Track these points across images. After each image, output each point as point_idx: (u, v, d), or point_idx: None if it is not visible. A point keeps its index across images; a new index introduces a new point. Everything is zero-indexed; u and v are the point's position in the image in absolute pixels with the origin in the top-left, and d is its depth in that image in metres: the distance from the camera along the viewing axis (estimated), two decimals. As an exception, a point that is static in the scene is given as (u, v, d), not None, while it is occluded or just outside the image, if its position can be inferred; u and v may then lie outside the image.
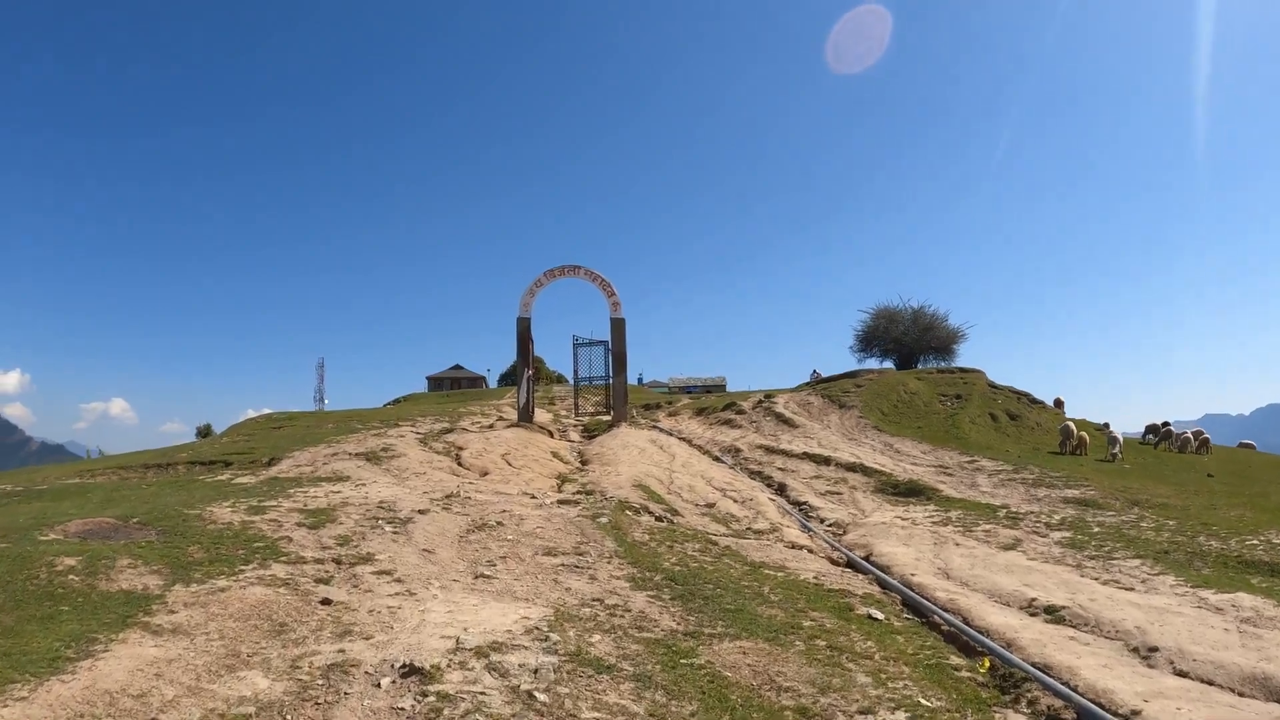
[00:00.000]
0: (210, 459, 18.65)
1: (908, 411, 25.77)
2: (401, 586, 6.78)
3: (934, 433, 23.92)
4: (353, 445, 18.35)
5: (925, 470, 18.08)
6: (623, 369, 24.81)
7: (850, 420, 23.35)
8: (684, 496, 14.56)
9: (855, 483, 16.69)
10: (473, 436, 20.47)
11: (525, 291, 25.16)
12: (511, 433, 21.56)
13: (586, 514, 10.44)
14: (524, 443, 20.06)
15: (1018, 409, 29.49)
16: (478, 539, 8.70)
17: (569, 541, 8.82)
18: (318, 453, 17.31)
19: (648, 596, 7.02)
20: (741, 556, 10.24)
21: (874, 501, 15.43)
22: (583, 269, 25.28)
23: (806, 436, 21.14)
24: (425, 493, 11.84)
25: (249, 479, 14.20)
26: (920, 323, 38.02)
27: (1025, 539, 12.64)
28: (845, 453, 19.09)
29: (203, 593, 6.24)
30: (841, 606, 8.38)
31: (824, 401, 25.34)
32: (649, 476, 15.54)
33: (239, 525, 8.81)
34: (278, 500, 10.75)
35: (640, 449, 18.96)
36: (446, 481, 13.59)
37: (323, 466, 15.30)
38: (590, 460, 18.34)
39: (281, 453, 17.81)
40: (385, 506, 10.25)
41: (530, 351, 24.81)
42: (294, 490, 12.03)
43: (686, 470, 16.74)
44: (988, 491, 16.56)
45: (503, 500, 11.30)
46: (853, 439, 21.25)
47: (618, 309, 25.02)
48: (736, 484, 15.93)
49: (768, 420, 23.68)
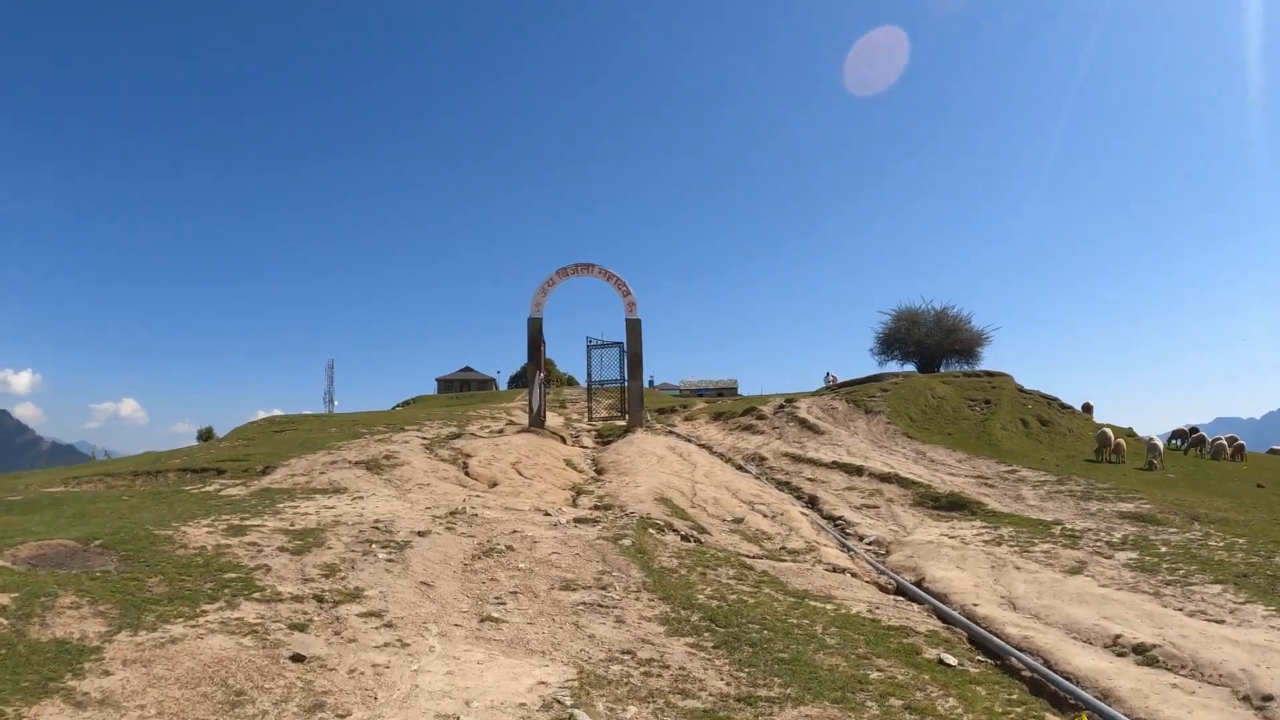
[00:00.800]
0: (202, 466, 17.60)
1: (936, 417, 24.52)
2: (392, 634, 5.62)
3: (965, 440, 22.66)
4: (354, 452, 17.26)
5: (964, 481, 16.85)
6: (639, 372, 23.66)
7: (878, 426, 22.11)
8: (709, 511, 13.40)
9: (892, 495, 15.48)
10: (481, 443, 19.37)
11: (537, 291, 24.04)
12: (522, 439, 20.45)
13: (607, 535, 9.29)
14: (535, 450, 18.94)
15: (1049, 414, 28.21)
16: (485, 567, 7.56)
17: (589, 570, 7.66)
18: (316, 460, 16.23)
19: (687, 646, 5.86)
20: (781, 584, 9.08)
21: (914, 516, 14.22)
22: (596, 267, 24.15)
23: (834, 444, 19.92)
24: (427, 508, 10.72)
25: (239, 490, 13.12)
26: (943, 325, 36.63)
27: (1090, 561, 11.44)
28: (877, 461, 17.87)
29: (150, 644, 5.12)
30: (907, 649, 7.21)
31: (849, 406, 24.10)
32: (670, 488, 14.38)
33: (213, 550, 7.70)
34: (263, 518, 9.65)
35: (659, 457, 17.80)
36: (452, 494, 12.48)
37: (319, 476, 14.22)
38: (606, 469, 17.20)
39: (278, 460, 16.74)
40: (381, 526, 9.13)
41: (542, 353, 23.69)
42: (284, 504, 10.93)
43: (710, 481, 15.57)
44: (1035, 505, 15.33)
45: (513, 518, 10.16)
46: (883, 446, 20.02)
47: (633, 309, 23.87)
48: (764, 496, 14.75)
49: (791, 426, 22.46)
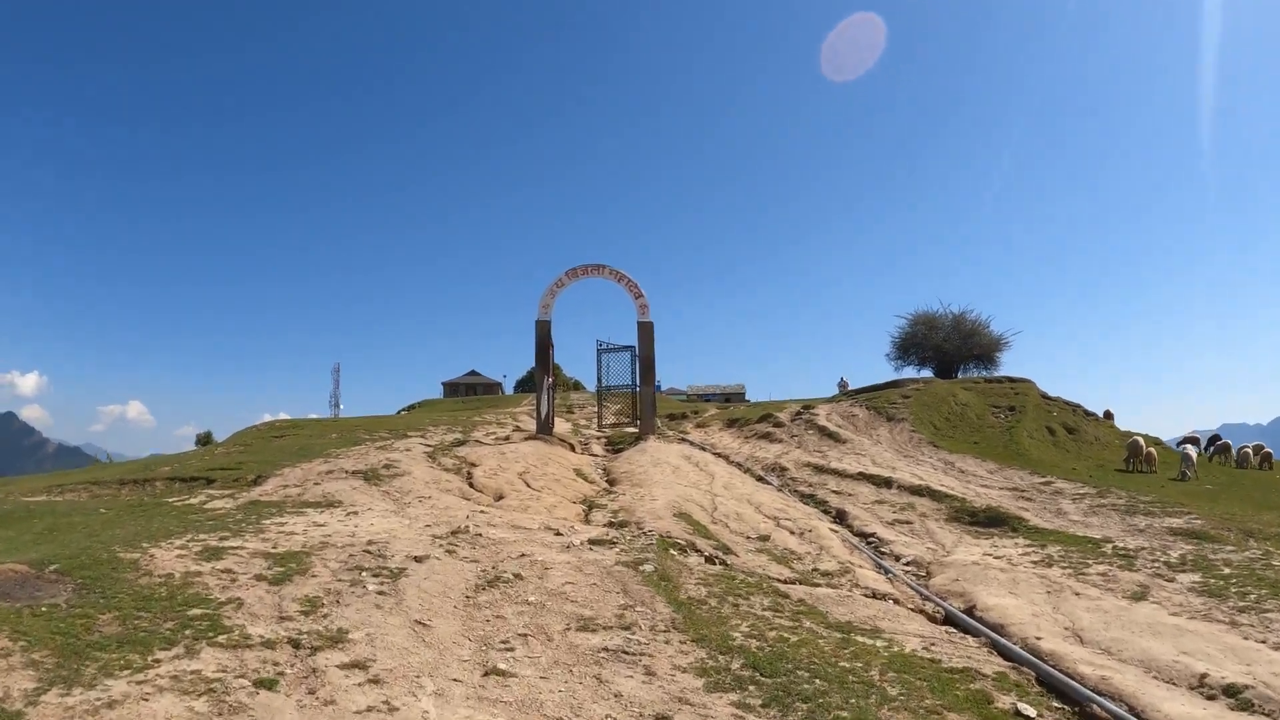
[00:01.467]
0: (192, 475, 16.71)
1: (961, 425, 23.48)
2: (378, 693, 4.66)
3: (992, 449, 21.62)
4: (352, 461, 16.34)
5: (999, 494, 15.83)
6: (651, 377, 22.70)
7: (902, 435, 21.09)
8: (731, 527, 12.41)
9: (925, 509, 14.47)
10: (487, 451, 18.43)
11: (545, 293, 23.12)
12: (530, 447, 19.50)
13: (626, 559, 8.31)
14: (544, 459, 17.99)
15: (1075, 422, 27.16)
16: (490, 601, 6.60)
17: (610, 605, 6.69)
18: (311, 470, 15.32)
19: (732, 706, 4.89)
20: (822, 615, 8.10)
21: (951, 533, 13.21)
22: (607, 268, 23.22)
23: (857, 453, 18.91)
24: (427, 526, 9.77)
25: (225, 503, 12.20)
26: (961, 329, 35.59)
27: (1151, 585, 10.41)
28: (905, 473, 16.85)
29: (82, 709, 4.18)
30: (977, 698, 6.23)
31: (869, 413, 23.08)
32: (688, 501, 13.40)
33: (180, 579, 6.76)
34: (244, 537, 8.71)
35: (674, 467, 16.82)
36: (454, 509, 11.53)
37: (312, 488, 13.29)
38: (619, 480, 16.22)
39: (271, 469, 15.83)
40: (375, 548, 8.18)
41: (551, 357, 22.76)
42: (270, 521, 10.00)
43: (730, 493, 14.58)
44: (1078, 520, 14.29)
45: (521, 538, 9.20)
46: (909, 456, 19.00)
47: (645, 312, 22.92)
48: (789, 511, 13.76)
49: (810, 434, 21.46)
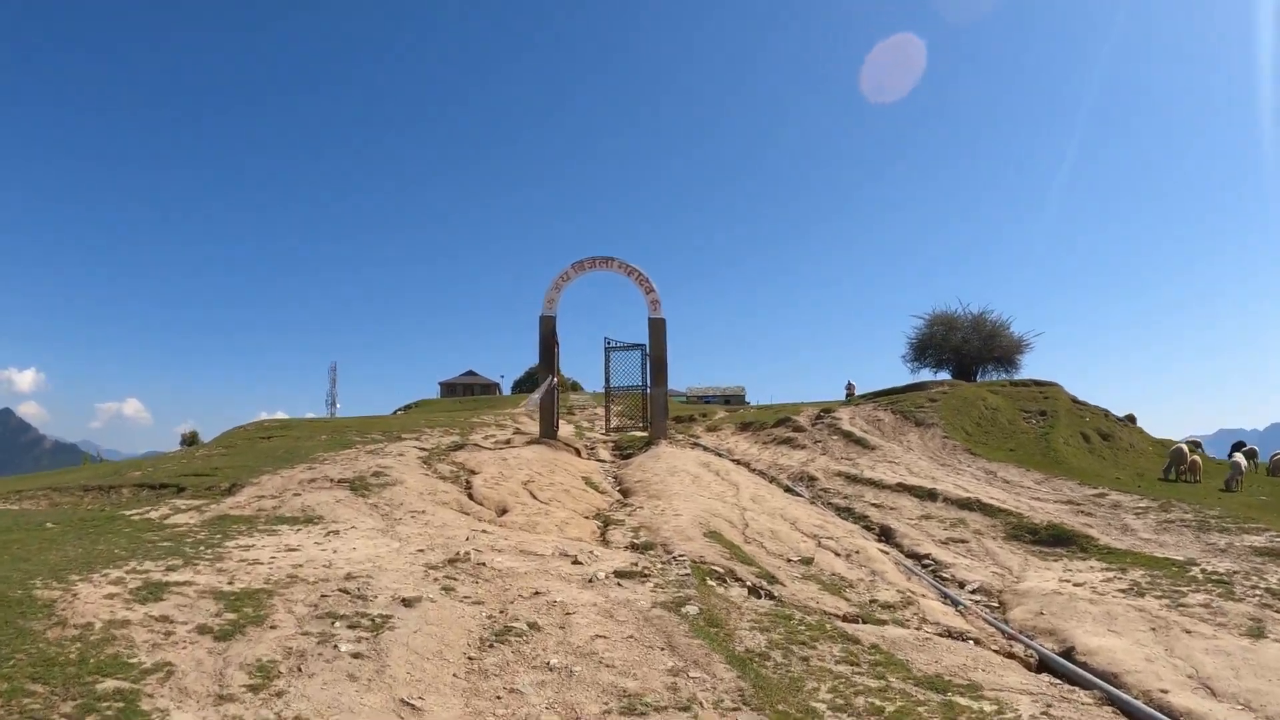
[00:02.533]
0: (163, 481, 15.15)
1: (993, 430, 21.98)
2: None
3: (1029, 456, 20.13)
4: (339, 467, 14.80)
5: (1055, 508, 14.32)
6: (663, 378, 21.16)
7: (934, 441, 19.59)
8: (768, 547, 10.88)
9: (978, 526, 12.96)
10: (487, 456, 16.89)
11: (550, 286, 21.58)
12: (533, 452, 17.96)
13: (663, 599, 6.78)
14: (549, 465, 16.45)
15: (1108, 428, 25.71)
16: (500, 665, 5.06)
17: (656, 669, 5.16)
18: (292, 477, 13.76)
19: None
20: (905, 666, 6.58)
21: (1014, 554, 11.71)
22: (616, 261, 21.69)
23: (890, 461, 17.39)
24: (420, 551, 8.24)
25: (189, 517, 10.65)
26: (981, 330, 34.14)
27: (1264, 618, 8.90)
28: (947, 483, 15.34)
29: None
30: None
31: (896, 418, 21.58)
32: (716, 517, 11.88)
33: (101, 631, 5.23)
34: (197, 567, 7.17)
35: (693, 476, 15.28)
36: (451, 527, 9.98)
37: (291, 499, 11.74)
38: (633, 490, 14.68)
39: (249, 476, 14.27)
40: (355, 585, 6.64)
41: (556, 355, 21.22)
42: (234, 543, 8.47)
43: (760, 507, 13.05)
44: (1150, 539, 12.79)
45: (533, 568, 7.66)
46: (946, 465, 17.50)
47: (657, 308, 21.39)
48: (829, 527, 12.23)
49: (835, 440, 19.95)
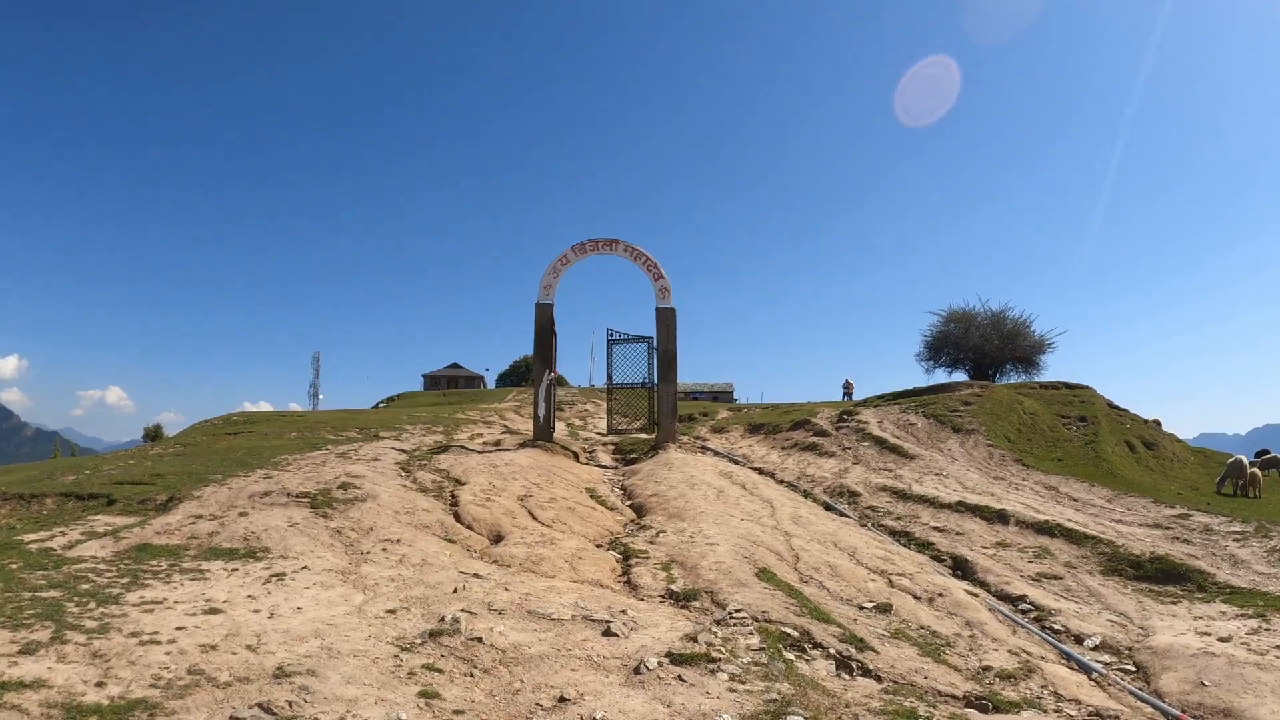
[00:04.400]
0: (94, 491, 12.74)
1: (1035, 438, 19.94)
2: None
3: (1080, 467, 18.11)
4: (301, 475, 12.50)
5: (1141, 532, 12.25)
6: (672, 374, 18.97)
7: (979, 450, 17.51)
8: (830, 587, 8.71)
9: (1068, 557, 10.85)
10: (475, 462, 14.62)
11: (547, 271, 19.31)
12: (527, 456, 15.72)
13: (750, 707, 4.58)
14: (547, 474, 14.21)
15: (1152, 436, 23.80)
16: None
17: None
18: (243, 489, 11.44)
19: None
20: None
21: (1122, 593, 9.61)
22: (621, 244, 19.46)
23: (937, 474, 15.29)
24: (391, 612, 6.00)
25: (101, 547, 8.33)
26: (1001, 329, 32.18)
27: None
28: (1012, 502, 13.24)
29: None
30: None
31: (930, 423, 19.48)
32: (758, 546, 9.70)
33: None
34: (65, 648, 4.90)
35: (716, 490, 13.09)
36: (434, 566, 7.74)
37: (234, 522, 9.43)
38: (648, 507, 12.46)
39: (194, 486, 11.94)
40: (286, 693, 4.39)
41: (553, 347, 18.96)
42: (137, 598, 6.19)
43: (806, 532, 10.87)
44: (1269, 573, 10.71)
45: (549, 644, 5.43)
46: (999, 478, 15.41)
47: (666, 296, 19.19)
48: (895, 560, 10.07)
49: (866, 446, 17.83)
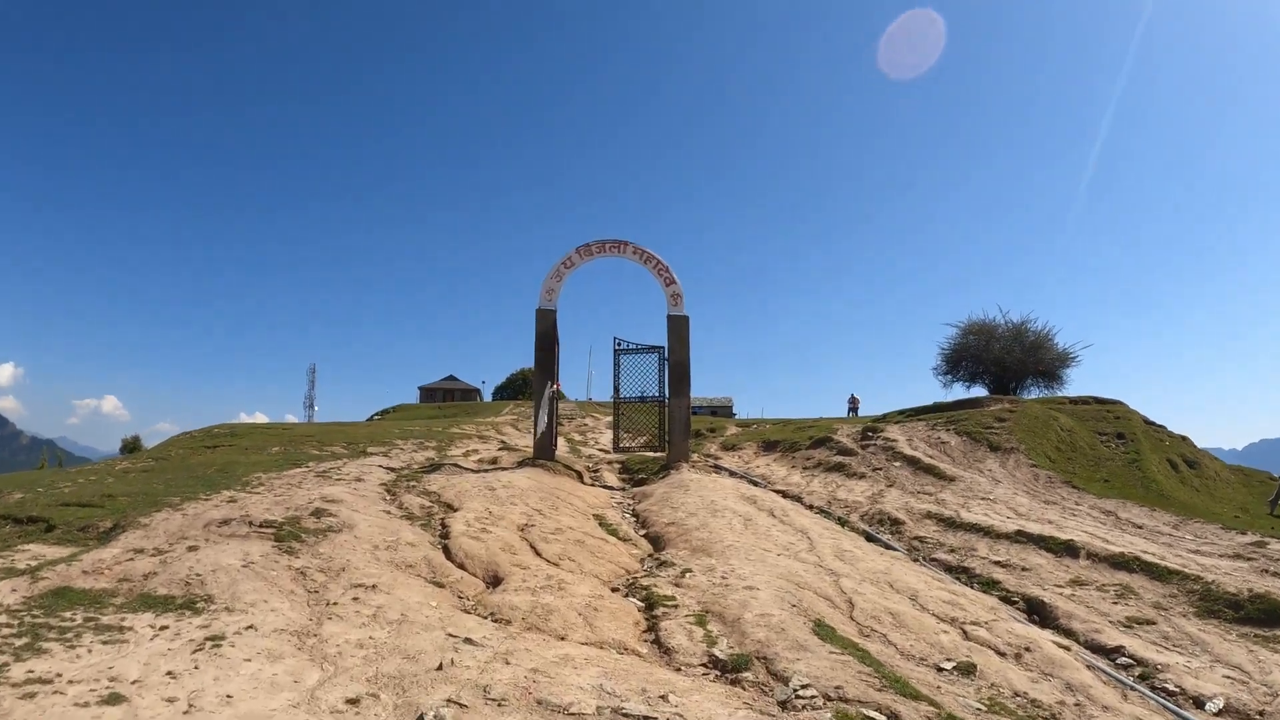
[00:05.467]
0: (34, 514, 11.21)
1: (1076, 456, 18.46)
2: None
3: (1128, 488, 16.62)
4: (271, 498, 10.98)
5: (1226, 564, 10.73)
6: (685, 387, 17.50)
7: (1021, 471, 16.01)
8: (897, 642, 7.21)
9: (1154, 596, 9.34)
10: (469, 483, 13.11)
11: (550, 274, 17.88)
12: (527, 478, 14.20)
13: None
14: (550, 498, 12.70)
15: (1193, 454, 22.40)
16: None
17: None
18: (200, 515, 9.92)
19: None
20: None
21: (1227, 640, 8.10)
22: (630, 245, 18.05)
23: (983, 498, 13.80)
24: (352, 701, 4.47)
25: (10, 589, 6.79)
26: (1022, 341, 30.80)
27: None
28: (1076, 530, 11.74)
29: None
30: None
31: (963, 440, 18.00)
32: (803, 589, 8.19)
33: None
34: None
35: (742, 518, 11.58)
36: (415, 625, 6.23)
37: (180, 559, 7.89)
38: (666, 538, 10.93)
39: (146, 509, 10.42)
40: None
41: (556, 357, 17.48)
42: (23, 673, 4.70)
43: (854, 570, 9.36)
44: (1387, 619, 9.29)
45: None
46: (1050, 502, 13.92)
47: (678, 302, 17.76)
48: (963, 604, 8.55)
49: (898, 467, 16.33)
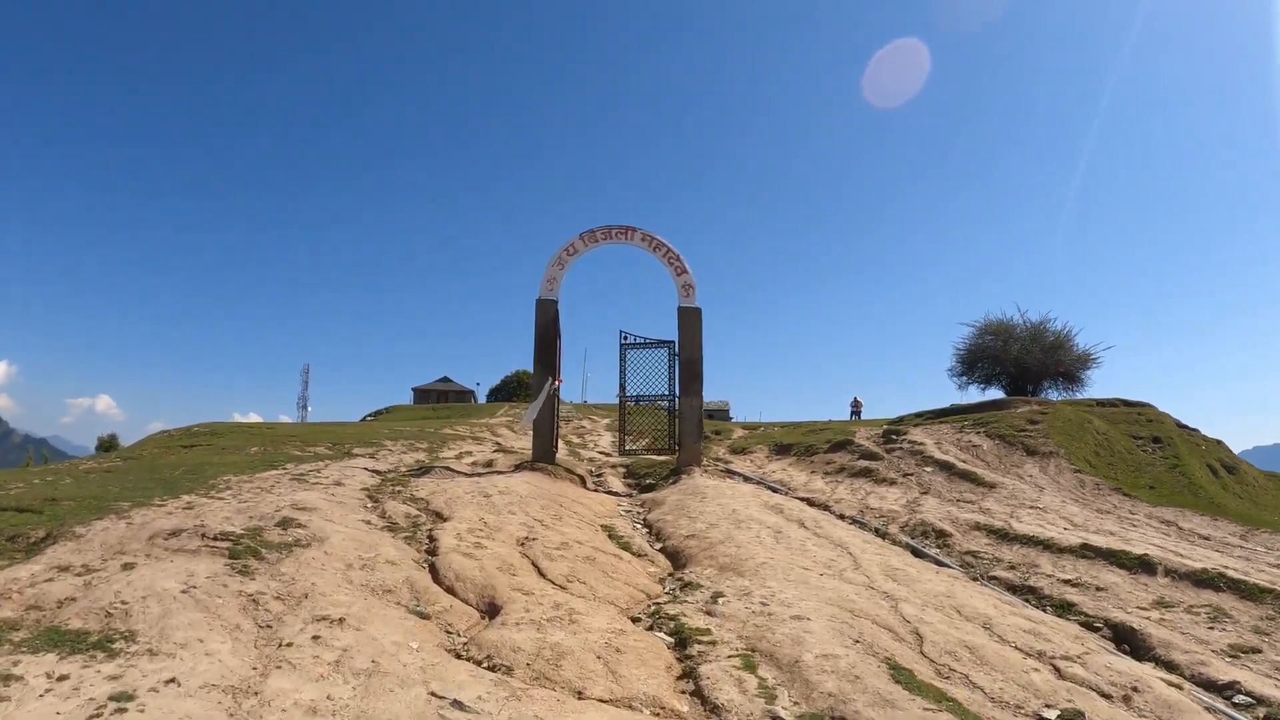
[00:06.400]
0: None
1: (1116, 461, 17.18)
2: None
3: (1175, 494, 15.34)
4: (234, 505, 9.60)
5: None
6: (697, 385, 16.15)
7: (1065, 477, 14.70)
8: (981, 683, 5.88)
9: (1249, 618, 8.01)
10: (462, 489, 11.75)
11: (551, 262, 16.54)
12: (526, 483, 12.85)
13: None
14: (552, 506, 11.34)
15: (1230, 458, 21.19)
16: None
17: None
18: (147, 524, 8.51)
19: None
20: None
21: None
22: (639, 232, 16.73)
23: (1031, 506, 12.49)
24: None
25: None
26: (1041, 341, 29.58)
27: None
28: (1144, 543, 10.43)
29: None
30: None
31: (997, 444, 16.69)
32: (859, 617, 6.87)
33: None
34: None
35: (772, 530, 10.23)
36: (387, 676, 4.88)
37: (109, 579, 6.51)
38: (686, 552, 9.56)
39: (88, 516, 9.01)
40: None
41: (557, 351, 16.13)
42: None
43: (912, 593, 8.02)
44: None
45: None
46: (1103, 511, 12.61)
47: (690, 293, 16.43)
48: (1046, 633, 7.21)
49: (930, 472, 15.01)
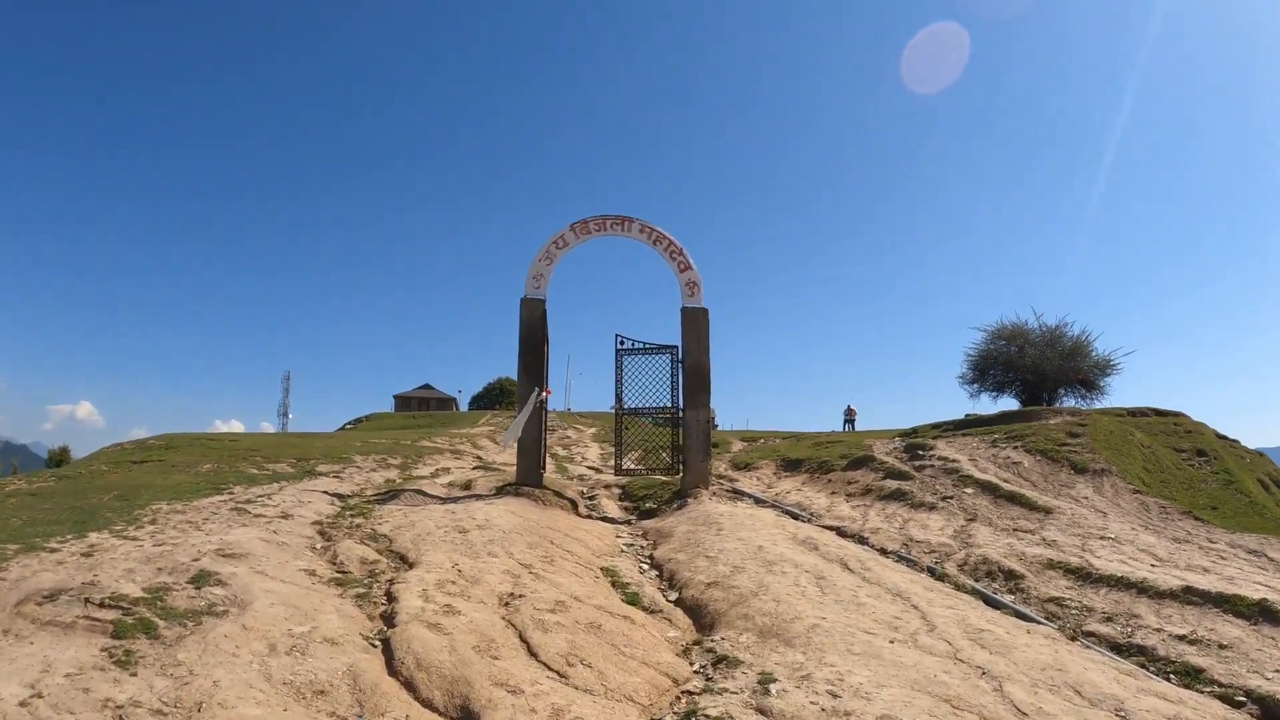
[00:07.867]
0: None
1: (1167, 478, 15.48)
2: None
3: (1238, 515, 13.64)
4: (146, 550, 7.67)
5: None
6: (704, 396, 14.33)
7: (1122, 497, 12.97)
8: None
9: None
10: (434, 521, 9.86)
11: (538, 257, 14.71)
12: (509, 511, 10.96)
13: None
14: (542, 544, 9.46)
15: (1277, 472, 19.61)
16: None
17: None
18: (19, 584, 6.56)
19: None
20: None
21: None
22: (637, 223, 14.94)
23: (1101, 536, 10.72)
24: None
25: None
26: (1059, 347, 27.94)
27: None
28: (1246, 582, 8.66)
29: None
30: None
31: (1039, 460, 14.95)
32: (961, 708, 5.06)
33: None
34: None
35: (813, 575, 8.39)
36: None
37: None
38: (710, 607, 7.70)
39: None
40: None
41: (545, 356, 14.27)
42: None
43: (1009, 662, 6.21)
44: None
45: None
46: (1180, 540, 10.88)
47: (695, 291, 14.65)
48: (1189, 717, 5.45)
49: (970, 494, 13.23)
